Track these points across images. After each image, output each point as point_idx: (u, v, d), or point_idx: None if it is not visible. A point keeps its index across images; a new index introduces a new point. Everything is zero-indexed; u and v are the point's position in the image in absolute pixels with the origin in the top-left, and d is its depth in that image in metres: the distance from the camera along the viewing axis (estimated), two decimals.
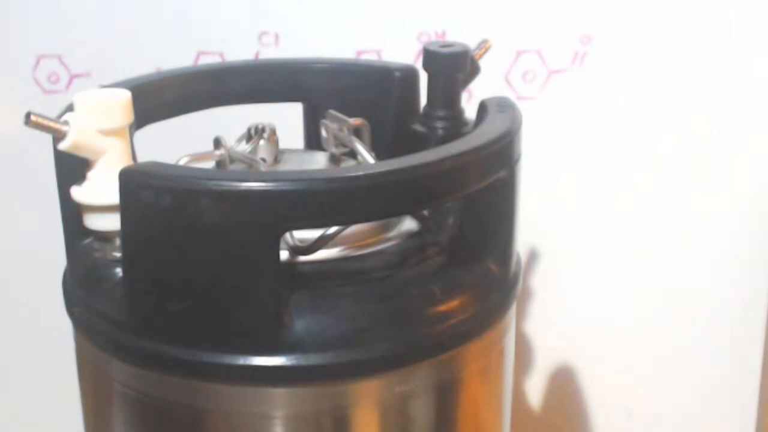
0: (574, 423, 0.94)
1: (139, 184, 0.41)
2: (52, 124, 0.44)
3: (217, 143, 0.52)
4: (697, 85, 0.82)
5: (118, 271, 0.46)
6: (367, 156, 0.51)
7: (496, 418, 0.53)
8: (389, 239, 0.50)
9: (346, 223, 0.46)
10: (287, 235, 0.46)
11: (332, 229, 0.46)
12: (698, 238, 0.87)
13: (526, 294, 0.88)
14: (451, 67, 0.55)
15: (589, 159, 0.84)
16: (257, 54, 0.80)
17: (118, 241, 0.47)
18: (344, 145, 0.53)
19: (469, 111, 0.55)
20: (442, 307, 0.46)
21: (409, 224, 0.52)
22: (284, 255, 0.46)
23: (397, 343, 0.44)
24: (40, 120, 0.43)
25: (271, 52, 0.80)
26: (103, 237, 0.47)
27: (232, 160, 0.51)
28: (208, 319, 0.42)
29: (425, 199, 0.44)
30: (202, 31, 0.79)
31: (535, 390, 0.93)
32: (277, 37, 0.80)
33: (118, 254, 0.47)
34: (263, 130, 0.52)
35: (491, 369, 0.51)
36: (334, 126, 0.53)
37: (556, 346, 0.91)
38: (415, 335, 0.45)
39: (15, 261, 0.87)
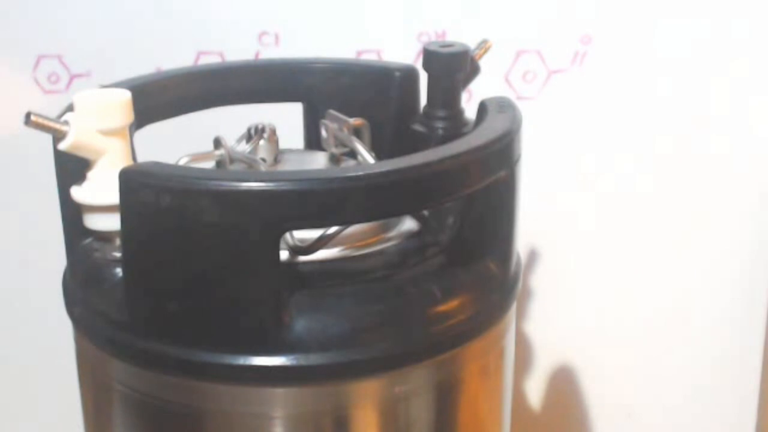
0: (574, 423, 0.94)
1: (139, 184, 0.41)
2: (52, 124, 0.44)
3: (217, 143, 0.52)
4: (697, 85, 0.82)
5: (118, 271, 0.46)
6: (367, 156, 0.51)
7: (496, 418, 0.53)
8: (389, 239, 0.50)
9: (346, 223, 0.46)
10: (287, 235, 0.46)
11: (332, 229, 0.46)
12: (698, 238, 0.87)
13: (526, 294, 0.88)
14: (451, 67, 0.55)
15: (589, 159, 0.84)
16: (257, 54, 0.80)
17: (118, 241, 0.46)
18: (344, 145, 0.53)
19: (469, 111, 0.55)
20: (442, 307, 0.46)
21: (409, 224, 0.52)
22: (284, 255, 0.46)
23: (397, 343, 0.44)
24: (40, 120, 0.43)
25: (271, 52, 0.80)
26: (103, 237, 0.47)
27: (232, 160, 0.51)
28: (208, 319, 0.42)
29: (425, 199, 0.44)
30: (202, 31, 0.79)
31: (535, 390, 0.93)
32: (277, 37, 0.80)
33: (118, 254, 0.47)
34: (263, 130, 0.52)
35: (491, 369, 0.51)
36: (334, 126, 0.53)
37: (556, 346, 0.91)
38: (414, 335, 0.45)
39: (15, 261, 0.87)
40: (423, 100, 0.58)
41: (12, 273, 0.87)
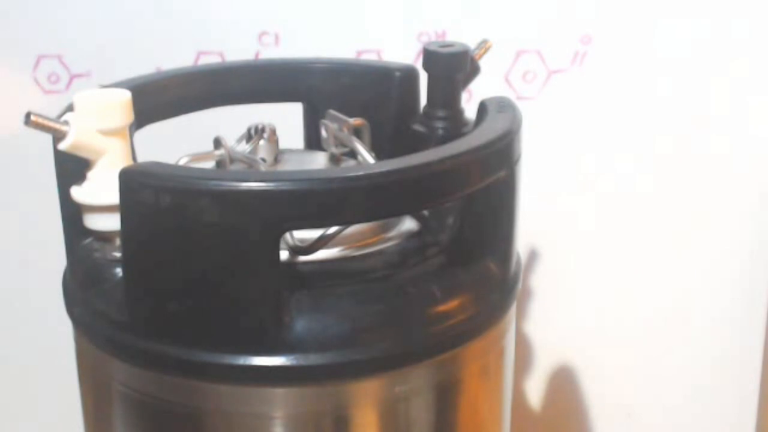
0: (574, 423, 0.94)
1: (139, 184, 0.41)
2: (52, 124, 0.44)
3: (217, 143, 0.52)
4: (697, 85, 0.82)
5: (118, 271, 0.46)
6: (367, 156, 0.51)
7: (496, 418, 0.53)
8: (389, 239, 0.50)
9: (346, 223, 0.46)
10: (287, 235, 0.46)
11: (332, 229, 0.46)
12: (698, 238, 0.87)
13: (526, 294, 0.88)
14: (451, 67, 0.55)
15: (589, 159, 0.84)
16: (257, 54, 0.80)
17: (118, 241, 0.46)
18: (344, 145, 0.53)
19: (469, 111, 0.55)
20: (442, 307, 0.46)
21: (409, 224, 0.52)
22: (284, 255, 0.46)
23: (397, 343, 0.44)
24: (40, 120, 0.43)
25: (271, 52, 0.80)
26: (103, 237, 0.47)
27: (232, 160, 0.51)
28: (207, 319, 0.42)
29: (425, 199, 0.44)
30: (202, 31, 0.79)
31: (535, 390, 0.93)
32: (277, 37, 0.80)
33: (118, 254, 0.47)
34: (263, 130, 0.52)
35: (491, 369, 0.51)
36: (334, 126, 0.53)
37: (556, 346, 0.91)
38: (414, 335, 0.45)
39: (15, 261, 0.87)
40: (423, 100, 0.58)
41: (12, 273, 0.87)
